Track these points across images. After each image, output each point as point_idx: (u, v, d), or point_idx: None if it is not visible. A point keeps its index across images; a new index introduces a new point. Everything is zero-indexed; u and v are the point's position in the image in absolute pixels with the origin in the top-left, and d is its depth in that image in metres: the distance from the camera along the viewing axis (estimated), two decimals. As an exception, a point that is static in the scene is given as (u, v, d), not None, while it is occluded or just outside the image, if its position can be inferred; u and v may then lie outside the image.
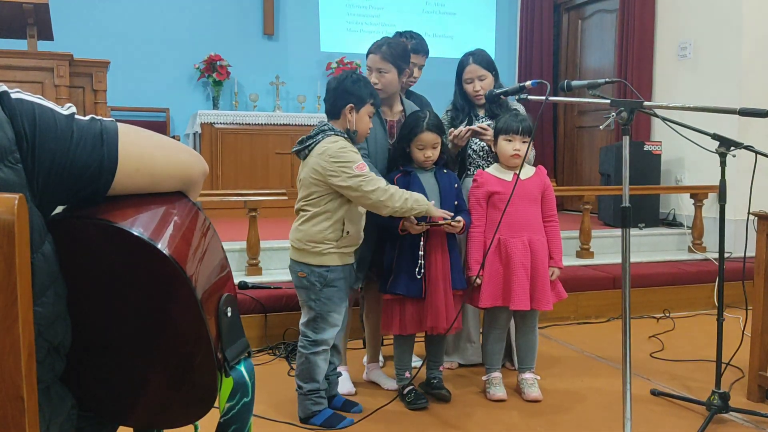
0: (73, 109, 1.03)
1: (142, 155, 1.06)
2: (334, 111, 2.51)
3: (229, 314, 1.10)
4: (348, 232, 2.47)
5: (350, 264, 2.55)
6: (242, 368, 1.14)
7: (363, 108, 2.49)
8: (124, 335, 1.08)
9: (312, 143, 2.46)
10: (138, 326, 1.07)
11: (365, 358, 3.08)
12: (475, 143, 3.03)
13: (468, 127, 2.94)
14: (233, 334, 1.11)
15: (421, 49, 3.18)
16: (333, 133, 2.45)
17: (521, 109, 3.05)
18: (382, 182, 2.42)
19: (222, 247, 1.15)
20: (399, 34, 3.19)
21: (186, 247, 1.04)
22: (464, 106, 3.07)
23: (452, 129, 2.98)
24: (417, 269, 2.59)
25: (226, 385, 1.10)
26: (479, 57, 3.01)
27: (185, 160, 1.14)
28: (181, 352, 1.07)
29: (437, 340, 2.79)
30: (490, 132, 2.86)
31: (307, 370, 2.49)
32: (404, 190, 2.49)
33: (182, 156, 1.14)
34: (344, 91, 2.47)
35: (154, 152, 1.08)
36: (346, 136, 2.47)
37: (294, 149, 2.55)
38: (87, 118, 1.04)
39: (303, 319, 2.54)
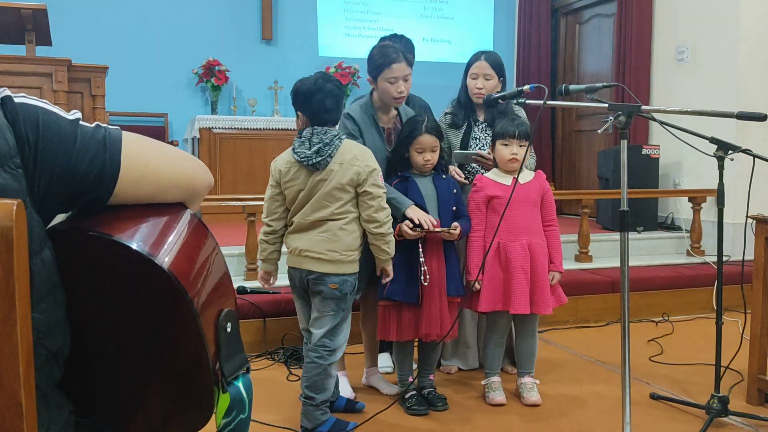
0: (79, 115, 1.03)
1: (147, 163, 1.05)
2: (339, 117, 2.53)
3: (229, 329, 1.09)
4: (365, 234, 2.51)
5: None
6: (240, 384, 1.12)
7: None
8: (123, 346, 1.07)
9: (332, 150, 2.40)
10: (137, 338, 1.06)
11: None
12: (478, 147, 3.03)
13: (475, 153, 2.95)
14: (232, 349, 1.10)
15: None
16: (345, 136, 2.49)
17: (522, 114, 3.05)
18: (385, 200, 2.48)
19: (224, 261, 1.13)
20: (384, 41, 3.18)
21: (186, 261, 1.03)
22: (467, 104, 3.06)
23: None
24: (422, 276, 2.59)
25: (223, 400, 1.09)
26: (491, 57, 3.03)
27: (189, 170, 1.13)
28: (180, 365, 1.07)
29: (430, 347, 2.78)
30: (491, 160, 2.89)
31: (323, 380, 2.44)
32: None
33: (187, 165, 1.13)
34: (344, 95, 2.51)
35: (159, 161, 1.08)
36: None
37: (313, 161, 2.38)
38: (92, 125, 1.03)
39: (322, 330, 2.45)
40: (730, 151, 2.44)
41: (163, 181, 1.08)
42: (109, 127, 1.05)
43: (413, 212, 2.57)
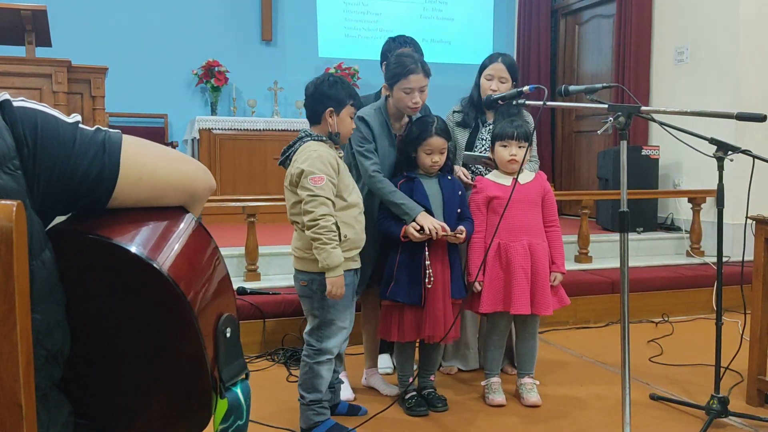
0: (78, 118, 1.03)
1: (145, 164, 1.05)
2: (314, 117, 2.48)
3: (228, 335, 1.08)
4: (346, 236, 2.39)
5: (354, 269, 2.48)
6: (238, 390, 1.12)
7: (343, 110, 2.45)
8: (122, 348, 1.07)
9: (291, 152, 2.45)
10: (136, 341, 1.06)
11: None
12: (484, 147, 3.04)
13: (486, 156, 2.95)
14: (231, 354, 1.09)
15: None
16: (310, 138, 2.43)
17: (530, 118, 3.05)
18: (323, 210, 2.29)
19: (225, 265, 1.13)
20: (393, 40, 3.18)
21: (185, 265, 1.03)
22: (478, 104, 3.05)
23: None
24: (426, 279, 2.58)
25: (221, 406, 1.09)
26: (508, 60, 3.03)
27: (190, 172, 1.12)
28: (180, 369, 1.06)
29: (432, 348, 2.78)
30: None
31: (311, 380, 2.44)
32: (339, 249, 2.32)
33: (187, 167, 1.12)
34: (322, 95, 2.43)
35: (158, 162, 1.07)
36: (325, 139, 2.44)
37: (279, 161, 2.53)
38: (92, 128, 1.03)
39: (307, 328, 2.49)
40: (729, 152, 2.44)
41: (162, 184, 1.07)
42: (110, 130, 1.05)
43: (423, 219, 2.56)
